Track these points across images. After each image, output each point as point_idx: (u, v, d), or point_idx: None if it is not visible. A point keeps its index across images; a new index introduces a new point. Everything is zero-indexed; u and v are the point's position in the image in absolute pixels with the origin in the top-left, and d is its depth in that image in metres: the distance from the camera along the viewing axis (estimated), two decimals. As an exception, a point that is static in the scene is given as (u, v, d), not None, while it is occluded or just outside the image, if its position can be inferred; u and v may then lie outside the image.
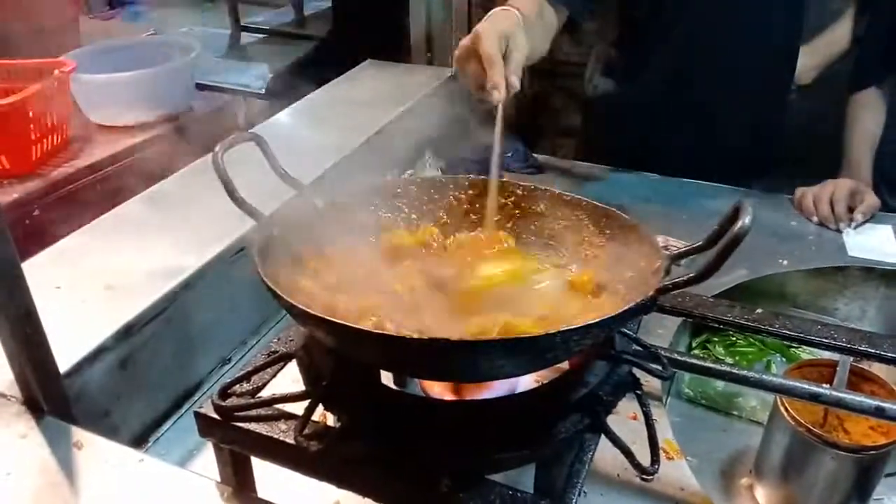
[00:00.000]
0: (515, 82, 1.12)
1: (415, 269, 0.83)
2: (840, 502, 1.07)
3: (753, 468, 1.18)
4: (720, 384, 1.33)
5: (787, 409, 1.06)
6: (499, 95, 1.07)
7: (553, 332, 0.62)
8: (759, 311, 0.97)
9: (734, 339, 1.44)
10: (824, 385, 1.00)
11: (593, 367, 0.77)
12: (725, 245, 0.62)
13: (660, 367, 0.79)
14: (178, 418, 1.11)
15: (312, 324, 0.68)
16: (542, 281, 0.82)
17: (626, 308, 0.65)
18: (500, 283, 0.78)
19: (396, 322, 0.72)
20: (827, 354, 1.11)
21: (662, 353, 0.82)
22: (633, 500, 0.97)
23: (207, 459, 1.01)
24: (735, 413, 1.34)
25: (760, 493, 1.16)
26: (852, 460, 1.03)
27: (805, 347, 1.38)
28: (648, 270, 0.75)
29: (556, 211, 0.94)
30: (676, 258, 0.74)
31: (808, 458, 1.06)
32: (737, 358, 1.42)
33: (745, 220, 0.62)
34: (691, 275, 0.64)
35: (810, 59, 1.80)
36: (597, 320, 0.64)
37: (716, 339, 1.45)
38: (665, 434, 1.05)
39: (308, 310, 0.65)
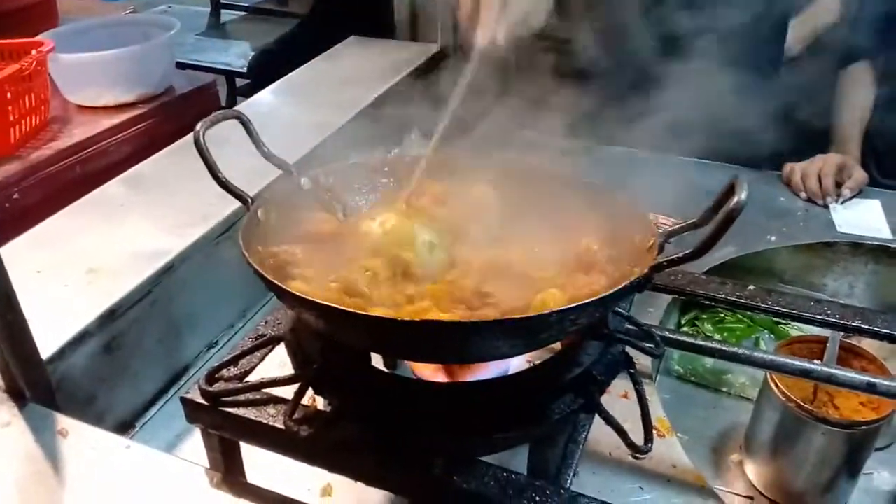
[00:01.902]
0: (501, 39, 1.10)
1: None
2: (830, 477, 1.07)
3: (743, 444, 1.18)
4: (710, 361, 1.33)
5: (777, 386, 1.06)
6: (482, 40, 1.06)
7: (548, 312, 0.61)
8: (750, 287, 0.97)
9: (722, 315, 1.44)
10: (815, 361, 1.00)
11: (587, 347, 0.76)
12: (721, 222, 0.61)
13: (653, 346, 0.78)
14: (165, 403, 1.09)
15: (302, 307, 0.66)
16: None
17: (621, 286, 0.64)
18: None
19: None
20: (816, 330, 1.11)
21: (655, 331, 0.81)
22: (625, 478, 0.96)
23: (195, 445, 1.00)
24: (724, 390, 1.34)
25: (750, 468, 1.16)
26: (843, 436, 1.03)
27: (794, 324, 1.38)
28: (641, 248, 0.74)
29: (544, 187, 0.93)
30: (670, 235, 0.73)
31: (798, 433, 1.06)
32: (725, 335, 1.42)
33: (740, 196, 0.61)
34: (686, 252, 0.63)
35: (799, 31, 1.79)
36: (592, 299, 0.62)
37: (704, 316, 1.45)
38: (656, 412, 1.05)
39: (298, 293, 0.63)
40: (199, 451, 0.93)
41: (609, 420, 0.73)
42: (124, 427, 1.04)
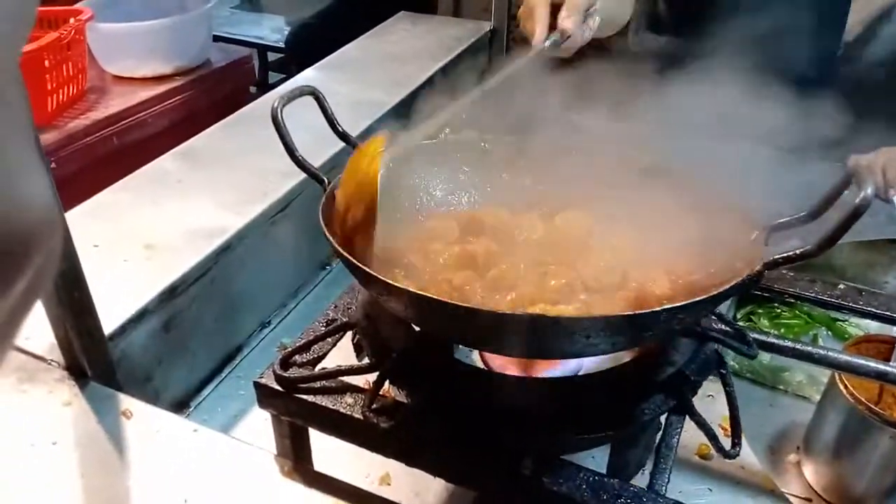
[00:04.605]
0: (568, 26, 1.07)
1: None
2: (893, 482, 1.04)
3: (802, 445, 1.14)
4: (766, 357, 1.29)
5: (846, 386, 1.03)
6: (535, 40, 1.04)
7: (657, 309, 0.57)
8: (841, 286, 0.93)
9: (779, 310, 1.40)
10: (891, 363, 0.96)
11: (679, 346, 0.73)
12: (846, 217, 0.57)
13: (745, 347, 0.74)
14: (219, 383, 1.07)
15: (397, 298, 0.62)
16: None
17: (733, 284, 0.60)
18: None
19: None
20: (873, 327, 1.07)
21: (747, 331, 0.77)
22: (693, 479, 0.94)
23: (250, 426, 0.98)
24: (781, 387, 1.30)
25: (809, 470, 1.13)
26: (912, 440, 0.99)
27: (852, 321, 1.34)
28: (743, 242, 0.70)
29: (622, 177, 0.89)
30: (776, 229, 0.69)
31: (864, 436, 1.02)
32: (782, 330, 1.37)
33: (866, 190, 0.57)
34: (806, 248, 0.59)
35: (860, 13, 1.72)
36: (703, 297, 0.59)
37: (760, 310, 1.40)
38: (723, 411, 1.02)
39: (399, 285, 0.60)
40: (255, 433, 0.91)
41: (701, 423, 0.70)
42: (179, 407, 1.01)
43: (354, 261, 0.65)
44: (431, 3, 2.04)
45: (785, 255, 0.61)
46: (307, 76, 1.59)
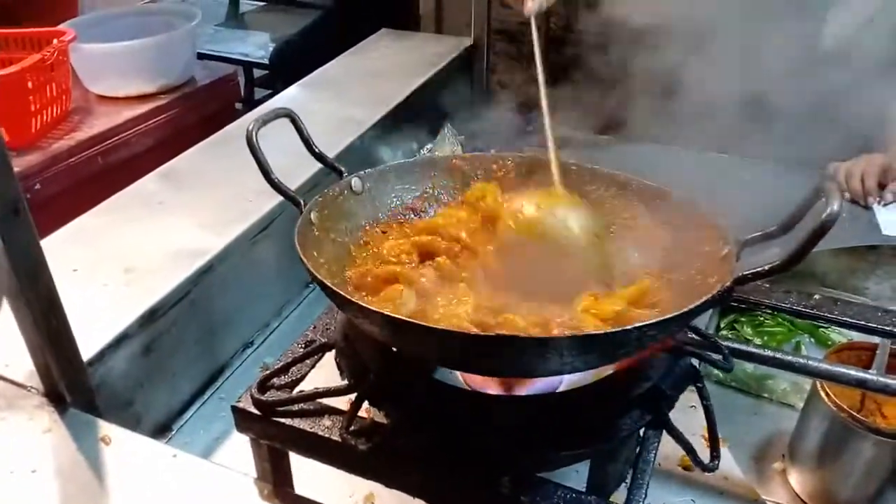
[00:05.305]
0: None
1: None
2: (877, 489, 1.04)
3: (787, 452, 1.15)
4: (750, 366, 1.30)
5: (827, 394, 1.03)
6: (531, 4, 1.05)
7: (629, 327, 0.58)
8: (816, 296, 0.93)
9: (762, 319, 1.40)
10: (871, 371, 0.97)
11: (654, 360, 0.73)
12: (813, 233, 0.58)
13: (721, 358, 0.75)
14: (202, 405, 1.07)
15: (371, 321, 0.63)
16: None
17: (703, 300, 0.61)
18: None
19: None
20: (854, 335, 1.08)
21: (721, 342, 0.78)
22: (676, 491, 0.94)
23: (234, 449, 0.97)
24: (765, 395, 1.31)
25: (794, 477, 1.13)
26: (894, 446, 1.00)
27: (835, 328, 1.34)
28: (715, 257, 0.71)
29: (602, 191, 0.89)
30: (747, 244, 0.69)
31: (847, 443, 1.03)
32: (765, 338, 1.38)
33: (833, 206, 0.58)
34: (774, 263, 0.60)
35: (835, 25, 1.74)
36: (675, 314, 0.59)
37: (743, 319, 1.41)
38: (705, 421, 1.02)
39: (372, 307, 0.60)
40: (238, 456, 0.90)
41: (678, 437, 0.70)
42: (161, 430, 1.01)
43: (329, 284, 0.66)
44: (414, 21, 2.05)
45: (755, 270, 0.62)
46: (288, 95, 1.60)
